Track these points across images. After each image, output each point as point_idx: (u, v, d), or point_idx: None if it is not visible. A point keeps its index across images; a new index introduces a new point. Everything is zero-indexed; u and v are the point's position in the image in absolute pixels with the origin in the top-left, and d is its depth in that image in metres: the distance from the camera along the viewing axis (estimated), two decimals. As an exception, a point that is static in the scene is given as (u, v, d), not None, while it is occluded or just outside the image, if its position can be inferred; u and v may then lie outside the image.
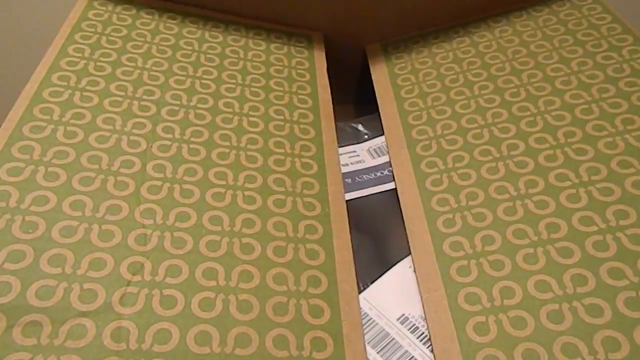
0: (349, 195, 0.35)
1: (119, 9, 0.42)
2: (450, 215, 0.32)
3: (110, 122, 0.33)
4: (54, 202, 0.28)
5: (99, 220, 0.28)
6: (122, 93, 0.35)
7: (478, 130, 0.36)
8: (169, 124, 0.34)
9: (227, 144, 0.34)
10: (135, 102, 0.35)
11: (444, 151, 0.36)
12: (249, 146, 0.35)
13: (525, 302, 0.27)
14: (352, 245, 0.31)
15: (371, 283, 0.30)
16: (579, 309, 0.26)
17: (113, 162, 0.31)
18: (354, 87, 0.54)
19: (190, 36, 0.42)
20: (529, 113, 0.36)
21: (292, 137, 0.36)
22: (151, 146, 0.32)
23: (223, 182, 0.32)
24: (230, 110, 0.37)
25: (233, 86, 0.39)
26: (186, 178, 0.31)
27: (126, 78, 0.36)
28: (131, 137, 0.33)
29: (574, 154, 0.33)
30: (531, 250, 0.29)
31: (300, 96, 0.40)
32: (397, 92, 0.42)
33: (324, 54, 0.46)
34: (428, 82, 0.42)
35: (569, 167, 0.32)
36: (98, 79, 0.36)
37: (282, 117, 0.38)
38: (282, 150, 0.35)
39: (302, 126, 0.38)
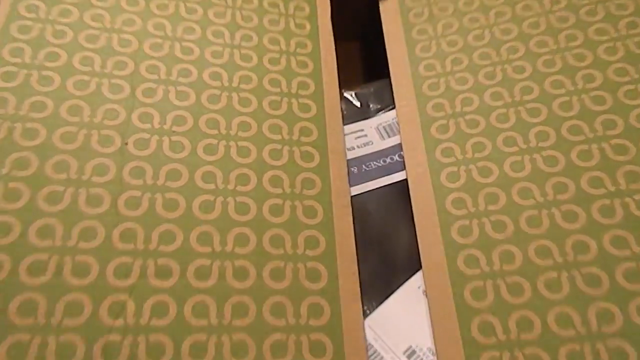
0: (354, 190, 0.31)
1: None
2: (467, 222, 0.28)
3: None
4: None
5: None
6: (88, 68, 0.30)
7: (503, 111, 0.32)
8: (146, 108, 0.30)
9: (215, 131, 0.30)
10: (105, 81, 0.30)
11: (462, 135, 0.32)
12: (240, 133, 0.30)
13: (544, 337, 0.25)
14: (357, 255, 0.28)
15: (377, 305, 0.27)
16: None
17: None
18: (360, 21, 0.47)
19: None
20: (564, 91, 0.31)
21: (290, 117, 0.32)
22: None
23: (212, 187, 0.28)
24: (218, 84, 0.32)
25: (220, 49, 0.33)
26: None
27: (91, 46, 0.31)
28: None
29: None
30: (555, 274, 0.26)
31: (299, 57, 0.35)
32: (412, 50, 0.36)
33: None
34: (448, 38, 0.36)
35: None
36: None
37: (278, 90, 0.33)
38: (278, 137, 0.31)
39: (301, 100, 0.33)
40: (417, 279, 0.29)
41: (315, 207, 0.29)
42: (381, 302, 0.28)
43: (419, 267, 0.29)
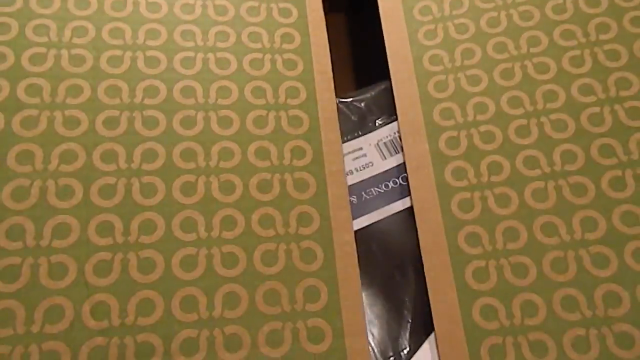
0: (357, 224, 0.28)
1: None
2: (483, 263, 0.26)
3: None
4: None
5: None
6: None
7: (524, 122, 0.28)
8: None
9: (193, 166, 0.26)
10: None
11: (476, 152, 0.28)
12: (221, 163, 0.26)
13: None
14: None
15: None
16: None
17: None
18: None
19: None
20: (594, 99, 0.27)
21: (281, 135, 0.27)
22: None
23: (194, 237, 0.24)
24: (192, 102, 0.27)
25: (192, 54, 0.28)
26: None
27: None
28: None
29: None
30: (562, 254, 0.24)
31: (285, 56, 0.29)
32: (413, 36, 0.31)
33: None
34: (457, 22, 0.31)
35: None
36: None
37: (263, 102, 0.28)
38: (267, 164, 0.27)
39: (291, 112, 0.28)
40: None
41: (314, 249, 0.25)
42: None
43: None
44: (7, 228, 0.22)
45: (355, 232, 0.27)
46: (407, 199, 0.28)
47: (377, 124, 0.30)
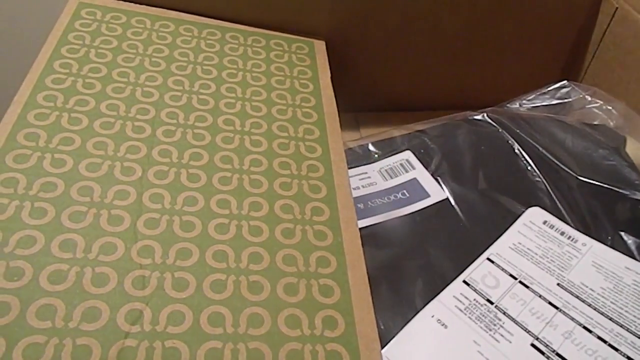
0: (362, 223, 0.32)
1: (108, 17, 0.39)
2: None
3: (101, 146, 0.30)
4: (42, 243, 0.25)
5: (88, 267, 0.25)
6: (114, 113, 0.33)
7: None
8: (166, 146, 0.32)
9: (229, 166, 0.32)
10: (129, 123, 0.32)
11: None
12: (252, 168, 0.32)
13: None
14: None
15: (390, 338, 0.27)
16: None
17: (106, 193, 0.28)
18: (357, 94, 0.51)
19: (185, 46, 0.39)
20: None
21: (298, 156, 0.34)
22: (147, 173, 0.30)
23: (227, 212, 0.29)
24: (231, 128, 0.34)
25: (233, 101, 0.36)
26: (186, 208, 0.29)
27: (117, 96, 0.34)
28: (125, 164, 0.30)
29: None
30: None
31: (304, 109, 0.38)
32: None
33: (327, 62, 0.43)
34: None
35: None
36: (87, 97, 0.33)
37: (286, 134, 0.35)
38: (287, 172, 0.33)
39: (307, 143, 0.35)
40: (430, 309, 0.29)
41: (325, 232, 0.30)
42: (396, 333, 0.28)
43: (432, 296, 0.29)
44: None
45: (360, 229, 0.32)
46: (408, 207, 0.33)
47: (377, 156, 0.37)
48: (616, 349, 0.27)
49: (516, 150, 0.38)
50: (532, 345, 0.27)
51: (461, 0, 0.45)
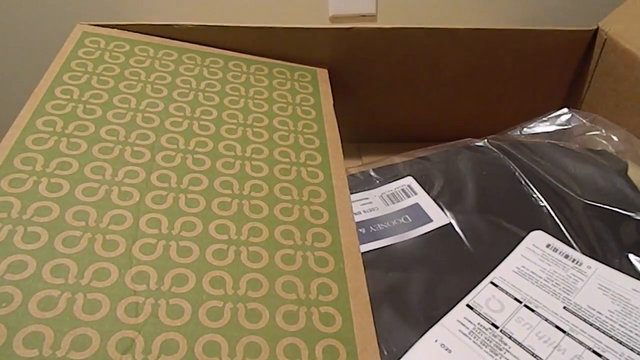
0: (364, 247, 0.31)
1: (111, 45, 0.40)
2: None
3: (99, 171, 0.30)
4: (33, 268, 0.25)
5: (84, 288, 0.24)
6: (113, 138, 0.32)
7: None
8: (165, 171, 0.31)
9: (229, 192, 0.31)
10: (128, 148, 0.32)
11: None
12: (252, 194, 0.32)
13: None
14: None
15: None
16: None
17: (102, 217, 0.27)
18: (359, 125, 0.51)
19: (187, 73, 0.39)
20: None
21: (300, 181, 0.33)
22: (144, 198, 0.29)
23: (225, 237, 0.29)
24: (232, 153, 0.34)
25: (234, 127, 0.36)
26: (183, 233, 0.28)
27: (118, 121, 0.33)
28: (123, 188, 0.29)
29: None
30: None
31: (306, 136, 0.37)
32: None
33: (329, 89, 0.43)
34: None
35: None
36: (87, 123, 0.33)
37: (287, 160, 0.35)
38: (289, 197, 0.32)
39: (309, 169, 0.35)
40: (434, 333, 0.28)
41: (326, 258, 0.29)
42: (399, 358, 0.26)
43: (435, 320, 0.28)
44: None
45: (362, 254, 0.31)
46: (411, 232, 0.32)
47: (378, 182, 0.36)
48: (631, 378, 0.26)
49: (518, 175, 0.37)
50: (544, 375, 0.26)
51: (462, 35, 0.45)
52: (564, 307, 0.29)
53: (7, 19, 0.59)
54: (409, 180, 0.37)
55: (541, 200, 0.35)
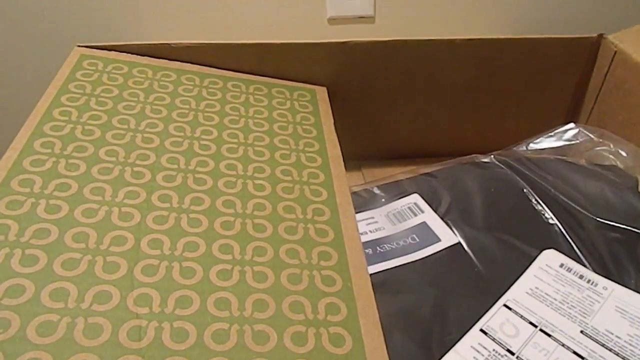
0: (371, 269, 0.31)
1: (110, 67, 0.39)
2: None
3: (99, 192, 0.29)
4: (31, 292, 0.24)
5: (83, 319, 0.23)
6: (113, 159, 0.32)
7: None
8: (166, 191, 0.31)
9: (231, 211, 0.30)
10: (128, 169, 0.31)
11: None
12: (255, 212, 0.31)
13: None
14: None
15: None
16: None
17: (102, 239, 0.27)
18: (360, 142, 0.51)
19: (186, 94, 0.39)
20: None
21: (303, 200, 0.33)
22: (146, 218, 0.28)
23: (229, 257, 0.28)
24: (233, 172, 0.33)
25: (235, 146, 0.36)
26: (186, 254, 0.27)
27: (117, 142, 0.33)
28: (123, 209, 0.29)
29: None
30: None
31: (308, 154, 0.37)
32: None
33: (329, 108, 0.43)
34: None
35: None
36: (86, 144, 0.32)
37: (290, 178, 0.34)
38: (292, 216, 0.31)
39: (312, 187, 0.34)
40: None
41: (333, 277, 0.28)
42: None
43: (449, 345, 0.27)
44: None
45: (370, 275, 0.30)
46: (419, 252, 0.32)
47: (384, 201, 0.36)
48: (654, 399, 0.25)
49: (526, 192, 0.37)
50: (563, 397, 0.25)
51: (463, 49, 0.45)
52: (581, 331, 0.28)
53: (5, 41, 0.59)
54: (415, 198, 0.36)
55: (552, 218, 0.34)
